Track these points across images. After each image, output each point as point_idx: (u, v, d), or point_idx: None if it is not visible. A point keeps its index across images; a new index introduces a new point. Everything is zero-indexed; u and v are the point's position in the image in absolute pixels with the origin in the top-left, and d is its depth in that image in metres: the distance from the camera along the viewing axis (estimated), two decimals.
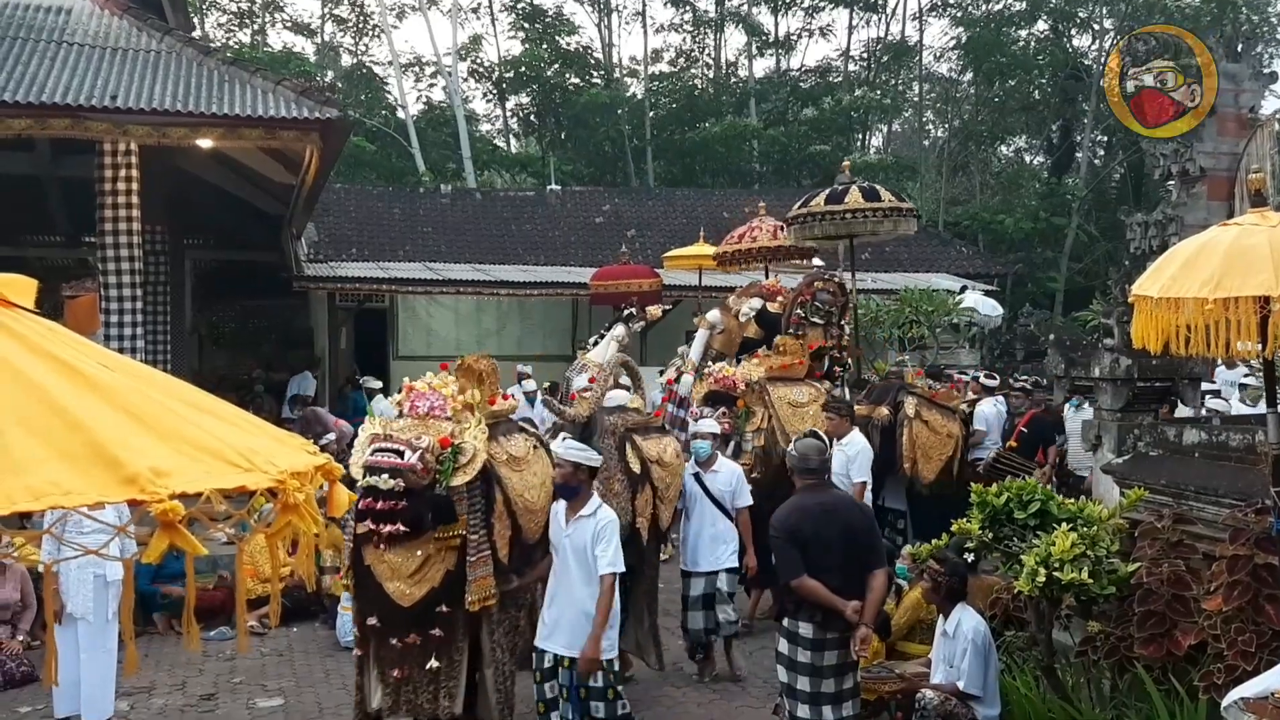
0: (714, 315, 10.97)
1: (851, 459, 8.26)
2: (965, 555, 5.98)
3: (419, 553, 5.35)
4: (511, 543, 5.68)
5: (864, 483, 8.26)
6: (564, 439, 5.91)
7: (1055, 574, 5.31)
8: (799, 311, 10.46)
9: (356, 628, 5.63)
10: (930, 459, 9.33)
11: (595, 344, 12.75)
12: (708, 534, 7.41)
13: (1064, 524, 5.56)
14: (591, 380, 10.67)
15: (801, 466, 5.52)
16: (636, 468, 6.79)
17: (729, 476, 7.60)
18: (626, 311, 12.45)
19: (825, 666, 5.31)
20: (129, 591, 3.24)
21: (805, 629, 5.31)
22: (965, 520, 5.97)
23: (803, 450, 5.56)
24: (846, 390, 10.65)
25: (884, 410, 9.21)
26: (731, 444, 8.82)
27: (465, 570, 5.43)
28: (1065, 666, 5.90)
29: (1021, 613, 6.06)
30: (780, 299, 11.02)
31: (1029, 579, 5.37)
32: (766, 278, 12.58)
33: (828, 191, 10.93)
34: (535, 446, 5.94)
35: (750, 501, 7.52)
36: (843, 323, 10.79)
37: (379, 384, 15.37)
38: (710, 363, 9.67)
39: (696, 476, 7.51)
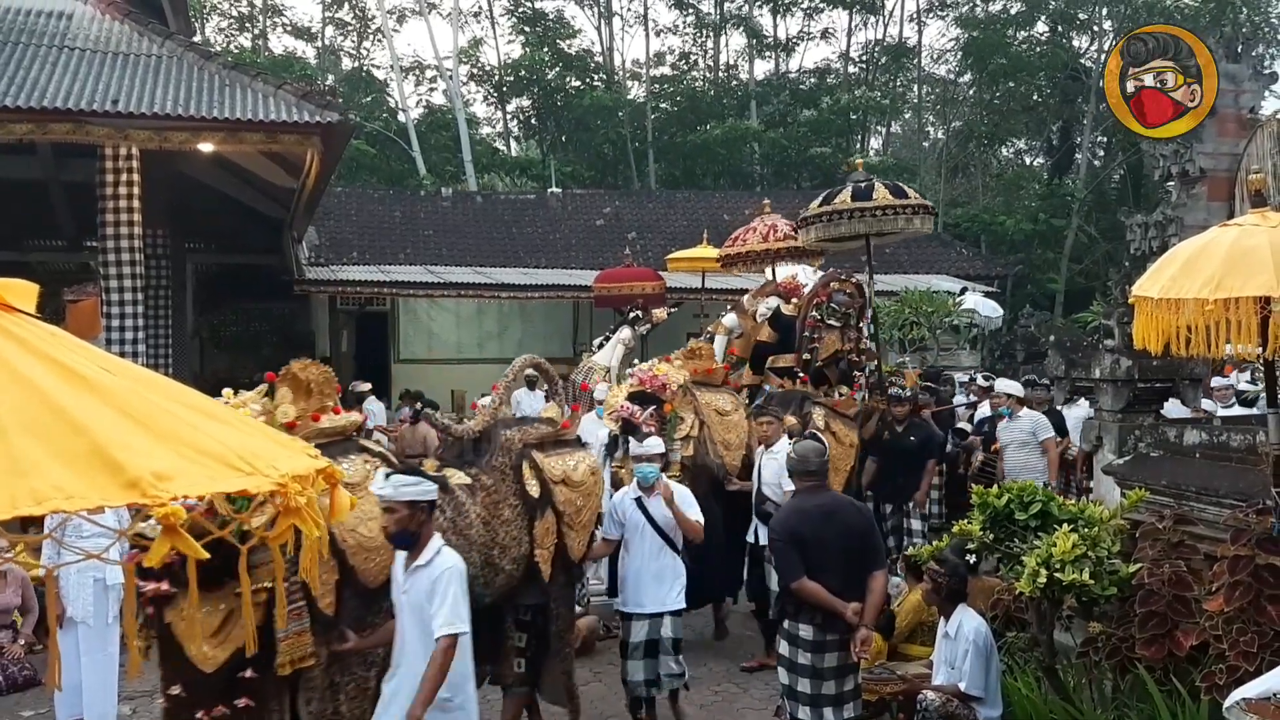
0: (730, 320, 10.64)
1: (784, 466, 7.24)
2: (967, 557, 5.98)
3: (221, 606, 4.32)
4: (340, 588, 4.68)
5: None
6: (388, 475, 4.66)
7: (1056, 575, 5.31)
8: (815, 314, 9.93)
9: (163, 698, 4.60)
10: (838, 472, 8.47)
11: (601, 347, 12.67)
12: (651, 570, 6.41)
13: (1065, 525, 5.56)
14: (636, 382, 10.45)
15: (801, 469, 5.53)
16: (535, 490, 5.77)
17: (679, 499, 6.57)
18: (632, 314, 12.30)
19: (826, 669, 5.31)
20: (130, 595, 3.24)
21: (805, 631, 5.31)
22: (966, 521, 5.97)
23: (802, 452, 5.57)
24: (866, 395, 10.16)
25: (794, 420, 8.40)
26: None
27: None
28: (1067, 667, 5.90)
29: (1023, 614, 6.06)
30: (795, 300, 10.48)
31: (1030, 580, 5.37)
32: (774, 277, 12.28)
33: (851, 188, 10.34)
34: (378, 469, 4.99)
35: (700, 517, 6.57)
36: (861, 325, 10.23)
37: (368, 386, 15.30)
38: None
39: (639, 503, 6.48)
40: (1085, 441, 8.05)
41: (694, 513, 6.57)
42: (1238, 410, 9.55)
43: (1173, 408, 8.02)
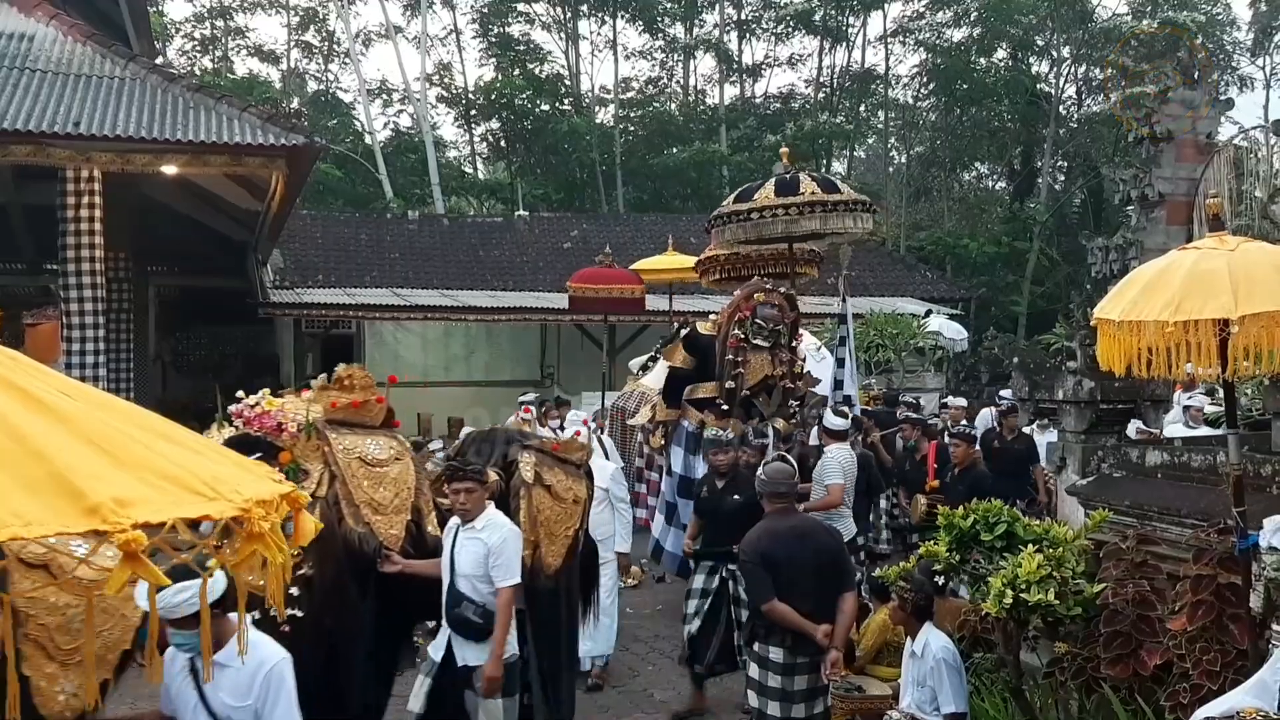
0: None
1: (494, 550, 5.31)
2: (935, 578, 6.00)
3: None
4: None
5: (515, 586, 5.39)
6: None
7: (1022, 595, 5.33)
8: (737, 332, 8.51)
9: None
10: (555, 537, 6.28)
11: (645, 369, 12.05)
12: None
13: (1030, 545, 5.60)
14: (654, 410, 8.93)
15: (770, 490, 5.53)
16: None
17: (248, 680, 3.74)
18: (685, 332, 11.46)
19: (795, 691, 5.31)
20: (90, 623, 3.17)
21: (775, 654, 5.31)
22: (932, 542, 5.99)
23: (771, 474, 5.58)
24: (770, 433, 8.51)
25: (491, 474, 6.00)
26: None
27: None
28: (1033, 688, 5.92)
29: (989, 634, 6.09)
30: (714, 317, 9.10)
31: (996, 601, 5.39)
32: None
33: (774, 181, 9.07)
34: None
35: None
36: (794, 344, 8.92)
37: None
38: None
39: (194, 674, 3.76)
40: (1049, 463, 8.10)
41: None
42: (1205, 430, 9.65)
43: (1134, 428, 8.11)
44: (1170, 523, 5.97)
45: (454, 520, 5.49)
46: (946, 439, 10.48)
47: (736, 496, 7.15)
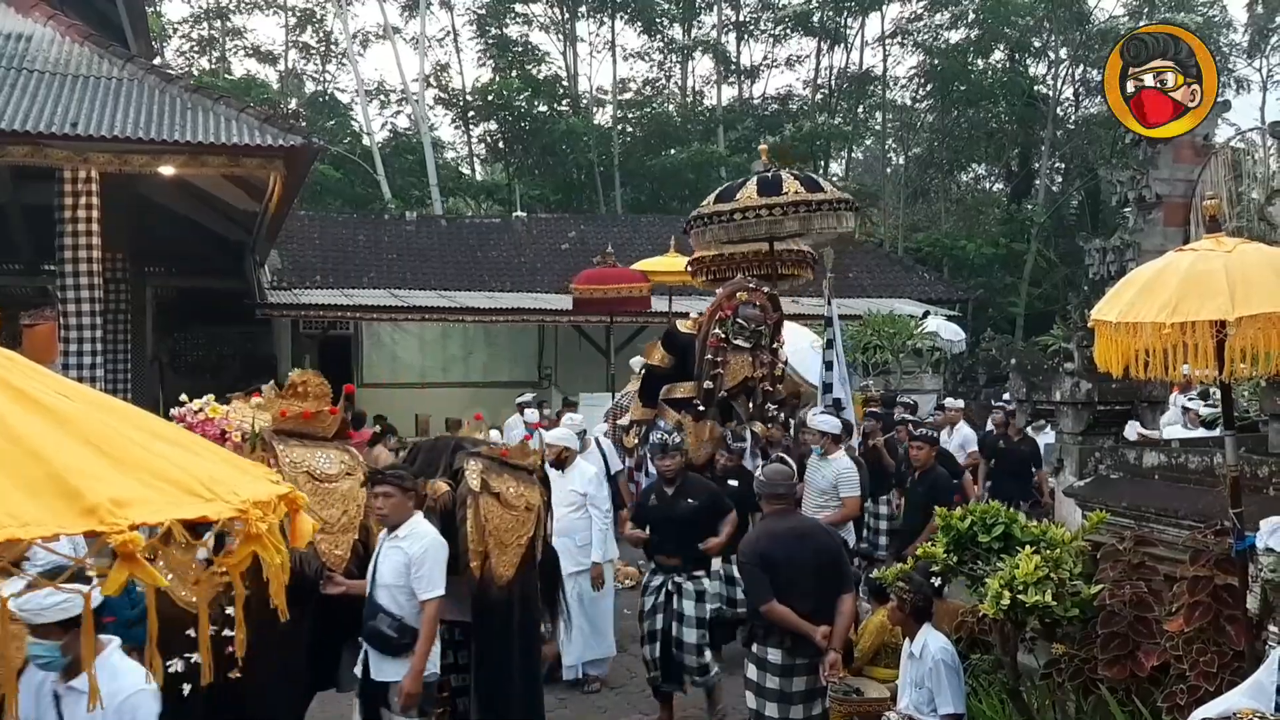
0: None
1: (415, 560, 5.13)
2: (932, 580, 6.00)
3: None
4: None
5: (436, 599, 5.15)
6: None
7: (1019, 597, 5.34)
8: (717, 331, 8.24)
9: None
10: (506, 547, 5.89)
11: (645, 368, 12.03)
12: None
13: (1027, 547, 5.60)
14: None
15: (769, 492, 5.53)
16: None
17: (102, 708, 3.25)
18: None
19: (794, 693, 5.31)
20: (88, 624, 3.15)
21: (774, 655, 5.31)
22: (929, 544, 6.00)
23: (770, 475, 5.58)
24: (749, 436, 8.16)
25: (442, 485, 5.73)
26: (210, 535, 3.98)
27: None
28: (1030, 689, 5.93)
29: (987, 636, 6.09)
30: (695, 316, 8.90)
31: (994, 602, 5.39)
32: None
33: (756, 180, 8.93)
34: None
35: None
36: (776, 346, 8.58)
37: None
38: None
39: (55, 701, 3.66)
40: (1047, 465, 8.09)
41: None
42: (1201, 432, 9.66)
43: (1132, 430, 8.11)
44: (1167, 524, 5.98)
45: (383, 534, 5.29)
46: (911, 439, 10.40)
47: (690, 500, 6.83)
